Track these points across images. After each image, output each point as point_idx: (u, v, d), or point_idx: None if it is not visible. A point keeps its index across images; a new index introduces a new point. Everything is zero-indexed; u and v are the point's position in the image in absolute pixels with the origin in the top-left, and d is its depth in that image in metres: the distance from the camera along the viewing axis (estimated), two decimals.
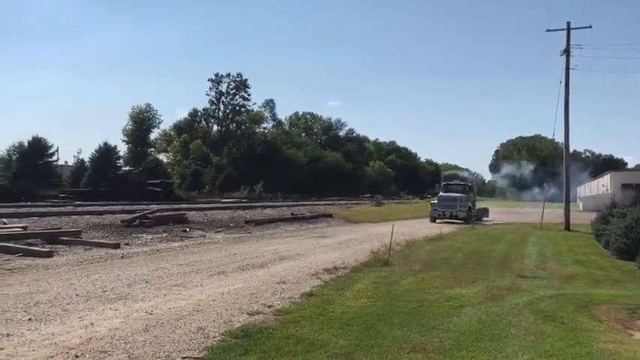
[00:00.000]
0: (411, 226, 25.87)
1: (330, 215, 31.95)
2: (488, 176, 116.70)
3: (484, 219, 34.57)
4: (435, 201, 32.28)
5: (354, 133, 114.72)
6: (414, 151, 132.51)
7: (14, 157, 62.78)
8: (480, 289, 9.66)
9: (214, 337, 6.23)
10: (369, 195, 74.97)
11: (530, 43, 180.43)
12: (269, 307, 7.84)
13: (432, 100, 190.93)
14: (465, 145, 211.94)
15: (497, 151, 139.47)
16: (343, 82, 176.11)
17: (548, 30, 29.12)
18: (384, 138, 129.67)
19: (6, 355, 5.36)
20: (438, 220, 30.69)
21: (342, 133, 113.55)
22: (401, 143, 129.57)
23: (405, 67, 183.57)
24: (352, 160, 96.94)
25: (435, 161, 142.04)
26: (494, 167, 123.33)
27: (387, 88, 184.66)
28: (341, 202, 52.81)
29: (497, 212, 40.13)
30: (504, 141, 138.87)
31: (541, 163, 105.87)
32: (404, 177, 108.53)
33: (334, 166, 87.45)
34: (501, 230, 25.58)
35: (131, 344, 5.84)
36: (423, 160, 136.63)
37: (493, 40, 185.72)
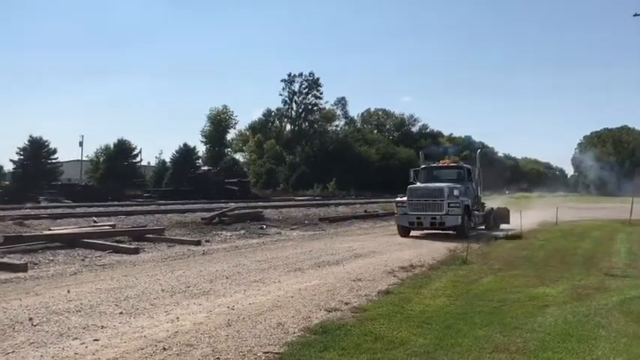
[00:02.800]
0: None
1: None
2: (570, 170, 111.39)
3: (502, 226, 21.55)
4: (404, 197, 18.56)
5: (427, 128, 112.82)
6: (490, 145, 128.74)
7: (101, 159, 66.45)
8: (565, 288, 9.24)
9: (294, 332, 6.33)
10: None
11: (614, 29, 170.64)
12: (346, 304, 7.87)
13: (510, 93, 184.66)
14: (545, 138, 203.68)
15: (580, 144, 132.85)
16: (416, 78, 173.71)
17: (635, 14, 27.29)
18: (459, 133, 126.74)
19: (101, 345, 5.69)
20: (414, 233, 18.54)
21: (415, 129, 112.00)
22: (477, 138, 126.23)
23: (480, 60, 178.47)
24: (427, 156, 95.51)
25: (513, 156, 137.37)
26: (577, 161, 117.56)
27: (462, 82, 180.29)
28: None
29: (575, 209, 34.67)
30: (588, 133, 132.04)
31: (629, 155, 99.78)
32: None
33: (407, 163, 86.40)
34: (586, 227, 24.08)
35: (215, 338, 6.04)
36: (500, 154, 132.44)
37: (572, 29, 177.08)
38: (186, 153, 67.29)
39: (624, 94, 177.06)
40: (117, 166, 60.92)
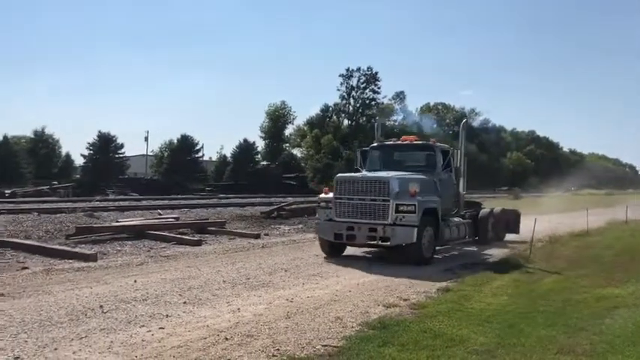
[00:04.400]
0: (553, 221, 24.23)
1: None
2: None
3: (509, 237, 15.98)
4: (328, 195, 12.03)
5: (489, 122, 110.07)
6: (555, 140, 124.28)
7: (165, 154, 68.61)
8: (636, 289, 8.83)
9: (352, 327, 6.36)
10: (506, 188, 71.64)
11: None
12: (404, 300, 7.83)
13: (575, 86, 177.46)
14: (613, 133, 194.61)
15: None
16: (477, 71, 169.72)
17: None
18: (523, 127, 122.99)
19: (166, 333, 5.90)
20: (349, 249, 12.38)
21: (476, 124, 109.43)
22: (541, 132, 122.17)
23: (544, 52, 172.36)
24: (487, 151, 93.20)
25: (579, 151, 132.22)
26: None
27: (525, 74, 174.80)
28: (475, 195, 50.98)
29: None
30: None
31: None
32: (544, 168, 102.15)
33: (468, 158, 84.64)
34: None
35: (274, 330, 6.15)
36: (565, 149, 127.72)
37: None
38: (245, 148, 68.51)
39: None
40: (180, 161, 62.75)
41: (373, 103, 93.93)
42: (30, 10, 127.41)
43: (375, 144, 13.70)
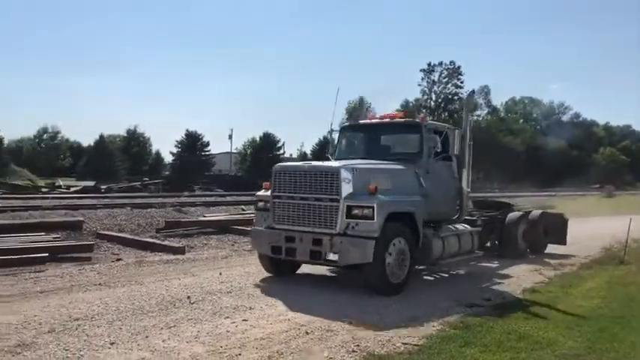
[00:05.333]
0: None
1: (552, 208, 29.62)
2: None
3: (551, 249, 12.74)
4: (268, 192, 8.59)
5: (579, 117, 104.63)
6: None
7: (249, 151, 70.52)
8: None
9: (432, 325, 6.27)
10: (597, 185, 67.80)
11: None
12: (487, 300, 7.63)
13: None
14: None
15: None
16: (567, 64, 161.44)
17: None
18: (617, 122, 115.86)
19: (249, 325, 6.09)
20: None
21: (565, 118, 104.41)
22: (637, 127, 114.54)
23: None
24: (578, 147, 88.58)
25: None
26: None
27: (619, 67, 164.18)
28: (564, 193, 48.67)
29: None
30: None
31: None
32: None
33: (556, 154, 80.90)
34: None
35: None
36: None
37: None
38: (325, 145, 69.04)
39: None
40: (262, 158, 64.29)
41: (456, 97, 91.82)
42: (121, 12, 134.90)
43: (346, 123, 10.97)
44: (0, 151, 40.38)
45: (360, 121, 10.53)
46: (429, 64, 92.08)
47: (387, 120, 9.81)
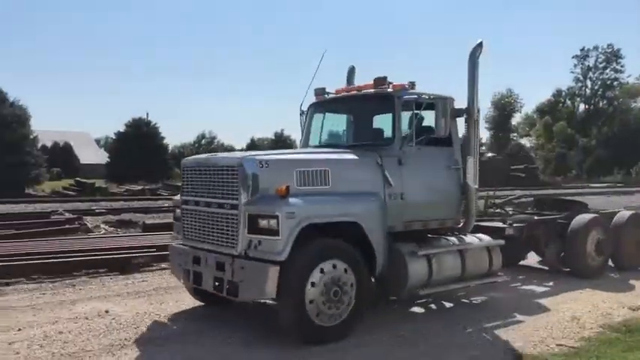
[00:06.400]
0: None
1: None
2: None
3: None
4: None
5: None
6: None
7: None
8: None
9: (591, 328, 5.96)
10: None
11: None
12: None
13: None
14: None
15: None
16: None
17: None
18: None
19: None
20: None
21: None
22: None
23: None
24: None
25: None
26: None
27: None
28: None
29: None
30: None
31: None
32: None
33: None
34: None
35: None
36: None
37: None
38: None
39: None
40: None
41: (615, 83, 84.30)
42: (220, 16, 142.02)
43: (315, 100, 7.66)
44: (165, 156, 44.87)
45: (328, 97, 7.51)
46: (582, 49, 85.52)
47: (354, 92, 7.26)
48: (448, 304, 7.17)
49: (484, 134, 71.24)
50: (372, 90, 6.89)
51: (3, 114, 32.37)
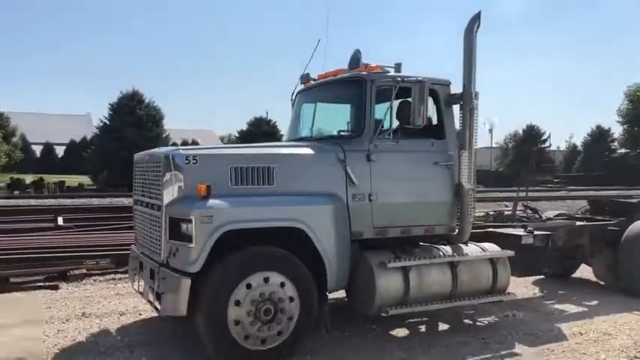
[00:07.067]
0: None
1: None
2: None
3: None
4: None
5: None
6: None
7: (510, 145, 67.85)
8: None
9: None
10: None
11: None
12: None
13: None
14: None
15: None
16: None
17: None
18: None
19: None
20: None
21: None
22: None
23: None
24: None
25: None
26: None
27: None
28: None
29: None
30: None
31: None
32: None
33: None
34: None
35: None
36: None
37: None
38: (599, 136, 62.57)
39: None
40: (525, 152, 61.22)
41: None
42: None
43: (301, 87, 6.86)
44: None
45: (310, 84, 6.67)
46: None
47: (330, 78, 6.36)
48: (443, 326, 6.10)
49: (616, 129, 65.75)
50: (347, 75, 6.05)
51: (139, 114, 35.23)
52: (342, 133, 5.99)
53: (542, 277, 8.27)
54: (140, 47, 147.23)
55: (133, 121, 34.45)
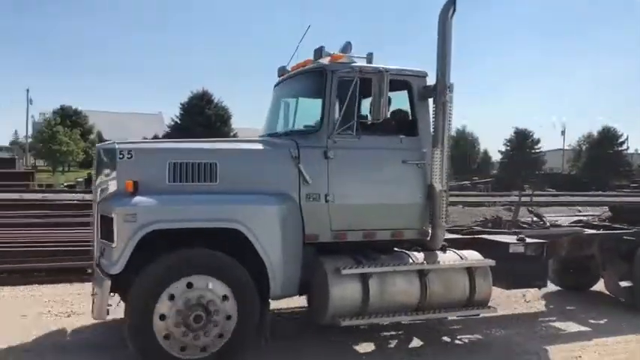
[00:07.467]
0: None
1: None
2: None
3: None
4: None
5: None
6: None
7: (584, 148, 65.01)
8: None
9: None
10: None
11: None
12: None
13: None
14: None
15: None
16: None
17: None
18: None
19: None
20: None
21: None
22: None
23: None
24: None
25: None
26: None
27: None
28: None
29: None
30: None
31: None
32: None
33: None
34: None
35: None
36: None
37: None
38: None
39: None
40: (600, 155, 58.55)
41: None
42: None
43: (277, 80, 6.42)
44: None
45: (280, 77, 6.31)
46: None
47: (296, 71, 5.93)
48: (416, 343, 5.46)
49: None
50: (309, 67, 5.64)
51: (208, 114, 36.27)
52: (301, 129, 5.61)
53: (557, 289, 7.63)
54: (210, 47, 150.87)
55: (203, 121, 35.50)
